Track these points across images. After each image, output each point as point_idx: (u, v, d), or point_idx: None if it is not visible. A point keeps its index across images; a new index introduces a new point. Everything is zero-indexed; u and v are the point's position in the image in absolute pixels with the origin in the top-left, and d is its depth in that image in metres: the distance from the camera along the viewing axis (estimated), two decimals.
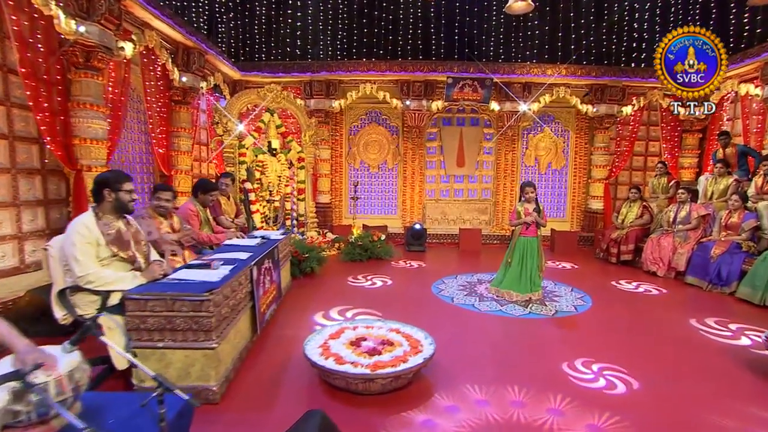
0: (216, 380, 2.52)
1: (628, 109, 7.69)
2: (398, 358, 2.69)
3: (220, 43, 7.42)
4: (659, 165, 7.08)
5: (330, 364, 2.61)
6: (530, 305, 4.30)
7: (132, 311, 2.43)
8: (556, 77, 7.55)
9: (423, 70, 7.54)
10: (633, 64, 7.97)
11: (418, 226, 7.23)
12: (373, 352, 2.78)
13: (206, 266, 2.95)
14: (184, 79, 5.69)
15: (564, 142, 8.47)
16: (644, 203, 6.60)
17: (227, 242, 4.03)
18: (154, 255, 2.99)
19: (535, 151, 8.45)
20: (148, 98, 5.33)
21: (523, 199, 4.54)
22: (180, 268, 2.94)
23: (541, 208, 4.47)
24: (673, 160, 7.98)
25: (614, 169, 8.29)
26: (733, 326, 3.86)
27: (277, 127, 6.37)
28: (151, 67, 5.32)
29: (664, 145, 8.14)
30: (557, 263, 6.48)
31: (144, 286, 2.56)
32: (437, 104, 7.73)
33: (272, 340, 3.39)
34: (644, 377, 2.81)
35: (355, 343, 2.90)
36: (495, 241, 8.01)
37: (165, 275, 2.74)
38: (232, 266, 3.01)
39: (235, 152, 5.84)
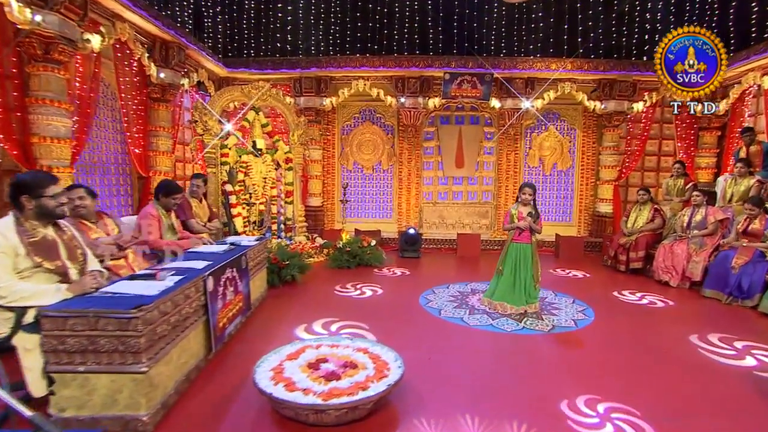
0: (148, 408, 2.20)
1: (639, 106, 7.21)
2: (358, 384, 2.33)
3: (206, 38, 7.15)
4: (676, 165, 6.53)
5: (278, 391, 2.27)
6: (525, 319, 3.90)
7: (49, 330, 2.12)
8: (561, 72, 7.11)
9: (419, 65, 7.16)
10: (645, 57, 7.44)
11: (411, 231, 6.85)
12: (331, 376, 2.42)
13: (152, 277, 2.65)
14: (162, 75, 5.42)
15: (570, 142, 8.01)
16: (655, 206, 6.09)
17: (191, 249, 3.72)
18: (95, 265, 2.69)
19: (539, 151, 8.01)
20: (123, 95, 5.07)
21: (519, 200, 4.14)
22: (120, 280, 2.64)
23: (538, 212, 4.06)
24: (689, 160, 7.43)
25: (624, 170, 7.81)
26: (739, 344, 3.43)
27: (263, 126, 6.07)
28: (125, 62, 5.06)
29: (679, 144, 7.60)
30: (566, 271, 6.04)
31: (66, 301, 2.24)
32: (434, 101, 7.35)
33: (233, 358, 3.05)
34: (654, 417, 2.35)
35: (314, 366, 2.55)
36: (496, 247, 7.55)
37: (98, 288, 2.42)
38: (182, 277, 2.70)
39: (216, 152, 5.55)
